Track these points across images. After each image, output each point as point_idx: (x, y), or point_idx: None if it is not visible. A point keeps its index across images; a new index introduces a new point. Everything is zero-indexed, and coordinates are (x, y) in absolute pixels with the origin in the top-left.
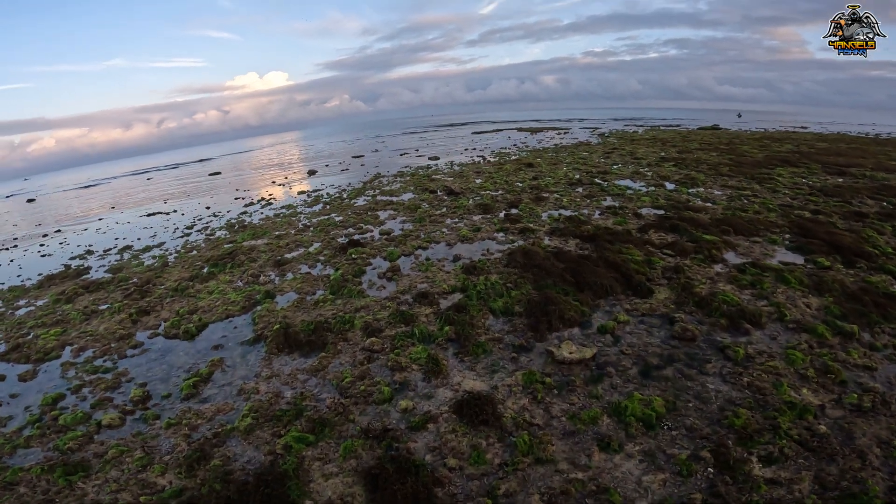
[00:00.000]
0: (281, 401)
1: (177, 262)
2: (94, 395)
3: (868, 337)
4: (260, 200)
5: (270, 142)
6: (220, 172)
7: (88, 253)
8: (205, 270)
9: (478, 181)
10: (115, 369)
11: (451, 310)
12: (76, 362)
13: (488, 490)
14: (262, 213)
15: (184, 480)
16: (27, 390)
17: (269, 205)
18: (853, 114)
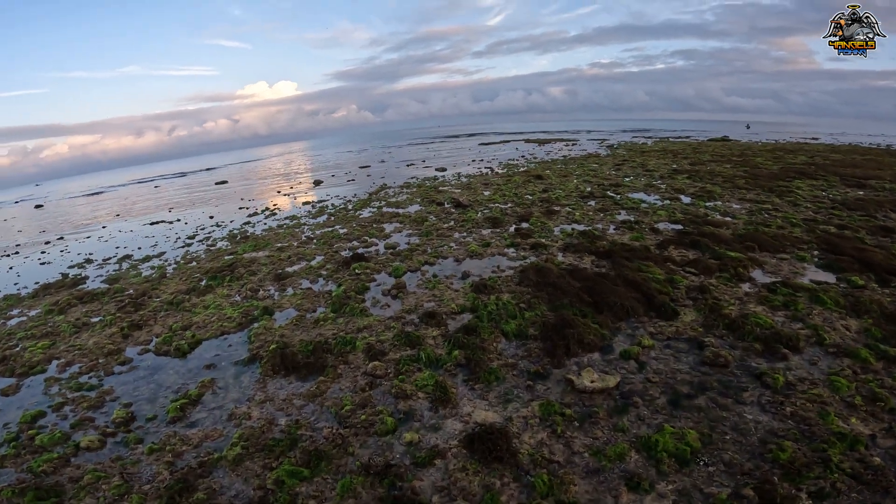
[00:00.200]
0: (274, 428)
1: (175, 273)
2: (76, 413)
3: None
4: (264, 210)
5: (278, 151)
6: (226, 181)
7: (87, 262)
8: (203, 283)
9: (486, 193)
10: (101, 387)
11: (461, 332)
12: (61, 378)
13: None
14: (265, 223)
15: None
16: (8, 406)
17: (273, 215)
18: (859, 124)
